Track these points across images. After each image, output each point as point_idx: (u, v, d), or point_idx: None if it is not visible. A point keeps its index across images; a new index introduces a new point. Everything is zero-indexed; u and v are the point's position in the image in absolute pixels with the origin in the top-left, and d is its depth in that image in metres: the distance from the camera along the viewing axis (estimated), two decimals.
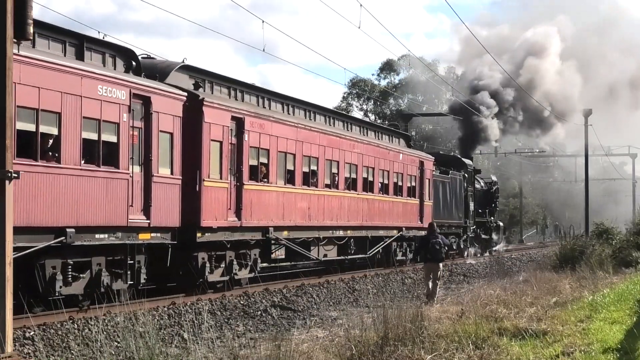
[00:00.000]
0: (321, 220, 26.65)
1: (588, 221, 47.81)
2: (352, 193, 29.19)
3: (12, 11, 9.85)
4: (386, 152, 32.58)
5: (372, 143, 31.58)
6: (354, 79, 76.84)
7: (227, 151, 21.28)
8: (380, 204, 31.83)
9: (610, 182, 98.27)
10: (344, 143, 28.65)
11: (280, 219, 23.91)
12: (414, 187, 35.76)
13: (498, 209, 51.94)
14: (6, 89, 9.84)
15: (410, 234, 35.09)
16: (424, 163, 36.90)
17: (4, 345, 9.48)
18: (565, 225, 70.13)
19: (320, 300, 22.38)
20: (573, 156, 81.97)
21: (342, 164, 28.40)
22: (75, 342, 13.42)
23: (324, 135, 27.10)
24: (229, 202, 21.34)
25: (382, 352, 11.12)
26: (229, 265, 21.83)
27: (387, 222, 32.49)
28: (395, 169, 33.48)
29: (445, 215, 39.93)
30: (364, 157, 30.17)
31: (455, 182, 41.81)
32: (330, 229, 27.65)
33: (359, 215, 29.77)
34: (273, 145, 23.59)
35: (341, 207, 28.21)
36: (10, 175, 9.80)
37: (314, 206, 26.12)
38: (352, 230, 29.34)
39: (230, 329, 16.60)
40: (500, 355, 11.48)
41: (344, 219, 28.49)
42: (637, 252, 32.80)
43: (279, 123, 24.05)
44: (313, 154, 26.19)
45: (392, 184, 33.07)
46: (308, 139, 25.80)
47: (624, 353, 11.42)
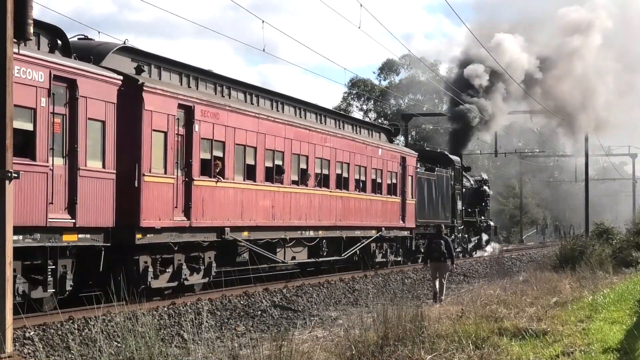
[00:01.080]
0: (288, 219, 24.47)
1: (588, 221, 47.92)
2: (323, 190, 27.02)
3: (12, 11, 9.86)
4: (363, 146, 30.25)
5: (347, 137, 29.17)
6: (354, 79, 76.90)
7: (173, 143, 19.08)
8: (357, 202, 29.62)
9: (610, 182, 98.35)
10: (315, 136, 26.32)
11: (238, 219, 21.79)
12: (395, 185, 33.40)
13: (489, 208, 50.03)
14: (6, 89, 9.85)
15: (391, 234, 33.14)
16: (406, 159, 34.59)
17: (4, 345, 9.49)
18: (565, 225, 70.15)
19: (320, 300, 22.38)
20: (573, 156, 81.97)
21: (312, 159, 26.10)
22: (75, 342, 13.42)
23: (291, 127, 24.78)
24: (175, 200, 19.20)
25: (382, 352, 11.12)
26: (177, 270, 19.77)
27: (364, 221, 30.29)
28: (374, 165, 31.14)
29: (430, 215, 37.94)
30: (337, 151, 27.90)
31: (441, 180, 39.86)
32: (299, 229, 25.47)
33: (332, 214, 27.60)
34: (230, 137, 21.39)
35: (311, 205, 26.01)
36: (10, 175, 9.82)
37: (279, 204, 23.98)
38: (324, 230, 27.12)
39: (231, 329, 16.61)
40: (500, 355, 11.48)
41: (315, 219, 26.29)
42: (637, 252, 32.86)
43: (237, 113, 21.80)
44: (278, 148, 23.97)
45: (369, 181, 30.74)
46: (272, 131, 23.52)
47: (624, 353, 11.43)
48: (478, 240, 47.34)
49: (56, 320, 14.81)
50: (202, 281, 20.92)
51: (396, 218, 33.34)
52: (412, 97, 79.73)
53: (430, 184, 38.22)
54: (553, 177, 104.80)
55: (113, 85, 17.30)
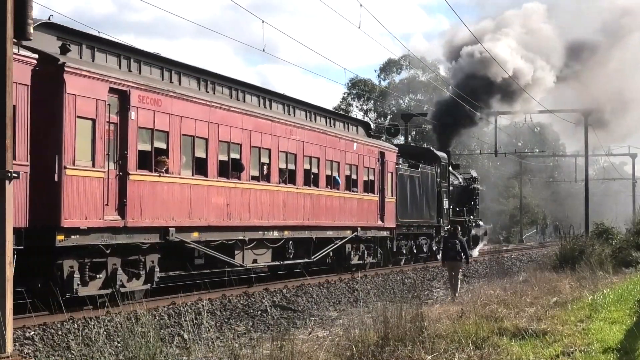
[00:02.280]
0: (247, 219, 22.15)
1: (588, 221, 47.94)
2: (289, 187, 24.61)
3: (12, 11, 9.86)
4: (335, 140, 27.86)
5: (317, 129, 26.66)
6: (354, 79, 76.94)
7: (104, 132, 16.82)
8: (328, 200, 27.26)
9: (610, 182, 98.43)
10: (278, 128, 23.89)
11: (185, 218, 19.54)
12: (373, 182, 30.95)
13: (478, 207, 47.48)
14: (6, 88, 9.85)
15: (369, 234, 30.69)
16: (385, 154, 32.03)
17: (4, 345, 9.49)
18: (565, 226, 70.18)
19: (320, 300, 22.39)
20: (573, 156, 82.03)
21: (275, 153, 23.68)
22: (75, 342, 13.43)
23: (250, 117, 22.34)
24: (106, 196, 16.87)
25: (382, 352, 11.13)
26: (112, 276, 17.54)
27: (337, 221, 27.86)
28: (348, 160, 28.77)
29: (413, 214, 35.70)
30: (305, 145, 25.50)
31: (426, 177, 37.46)
32: (261, 229, 23.11)
33: (300, 213, 25.21)
34: (175, 126, 19.13)
35: (274, 203, 23.62)
36: (10, 175, 9.81)
37: (235, 202, 21.60)
38: (290, 230, 24.75)
39: (231, 329, 16.61)
40: (500, 355, 11.48)
41: (279, 218, 23.95)
42: (637, 252, 32.91)
43: (184, 100, 19.52)
44: (234, 140, 21.60)
45: (343, 177, 28.42)
46: (226, 121, 21.16)
47: (624, 353, 11.43)
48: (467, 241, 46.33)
49: (56, 320, 14.82)
50: (142, 287, 18.65)
51: (374, 217, 31.13)
52: (413, 97, 79.75)
53: (414, 181, 35.91)
54: (553, 177, 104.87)
55: (26, 64, 14.70)
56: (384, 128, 51.21)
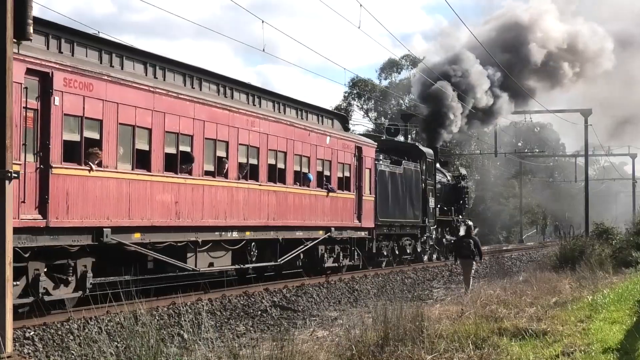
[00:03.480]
0: (199, 218, 19.99)
1: (588, 221, 47.94)
2: (251, 184, 22.28)
3: (12, 11, 9.86)
4: (305, 133, 25.57)
5: (283, 121, 24.25)
6: (355, 78, 76.92)
7: (20, 119, 14.63)
8: (297, 198, 25.02)
9: (610, 182, 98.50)
10: (238, 119, 21.66)
11: (124, 217, 17.34)
12: (348, 178, 28.83)
13: (467, 206, 45.02)
14: (6, 88, 9.85)
15: (344, 235, 28.44)
16: (362, 149, 29.85)
17: (4, 346, 9.49)
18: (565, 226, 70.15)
19: (320, 300, 22.40)
20: (573, 156, 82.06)
21: (233, 146, 21.45)
22: (75, 342, 13.43)
23: (203, 106, 20.18)
24: (22, 193, 14.77)
25: (382, 352, 11.13)
26: (33, 282, 15.42)
27: (307, 220, 25.58)
28: (320, 155, 26.55)
29: (396, 213, 33.49)
30: (270, 137, 23.25)
31: (410, 175, 35.25)
32: (217, 230, 20.92)
33: (263, 212, 22.98)
34: (110, 114, 16.87)
35: (233, 201, 21.43)
36: (10, 175, 9.81)
37: (186, 200, 19.46)
38: (253, 231, 22.61)
39: (231, 329, 16.62)
40: (500, 355, 11.49)
41: (239, 217, 21.71)
42: (637, 252, 32.93)
43: (122, 85, 17.24)
44: (184, 131, 19.41)
45: (314, 174, 26.13)
46: (174, 110, 18.97)
47: (624, 353, 11.44)
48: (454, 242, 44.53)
49: (56, 320, 14.82)
50: (72, 295, 16.63)
51: (350, 217, 28.90)
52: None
53: (396, 178, 33.70)
54: (553, 177, 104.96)
55: None
56: (384, 128, 51.09)
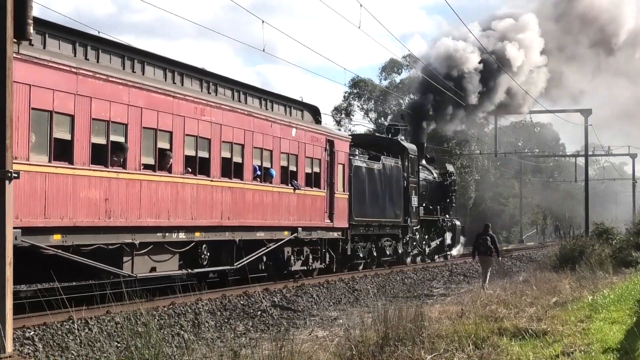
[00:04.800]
0: (136, 217, 17.70)
1: (588, 221, 47.96)
2: (200, 179, 20.07)
3: (12, 11, 9.86)
4: (266, 124, 23.10)
5: (239, 110, 21.79)
6: (355, 78, 76.87)
7: None
8: (258, 195, 22.63)
9: (610, 182, 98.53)
10: (184, 106, 19.38)
11: (38, 217, 15.22)
12: (318, 174, 26.41)
13: (454, 205, 42.81)
14: (6, 89, 9.85)
15: (314, 235, 26.10)
16: (334, 143, 27.52)
17: (4, 346, 9.50)
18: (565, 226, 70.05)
19: (320, 300, 22.40)
20: (573, 156, 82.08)
21: (178, 136, 19.22)
22: (75, 342, 13.44)
23: (140, 91, 17.83)
24: None
25: (382, 352, 11.14)
26: None
27: (269, 220, 23.27)
28: (284, 149, 24.17)
29: (374, 212, 31.06)
30: (223, 128, 20.95)
31: (390, 171, 32.91)
32: (159, 230, 18.67)
33: (216, 210, 20.74)
34: (20, 99, 14.64)
35: (178, 198, 19.22)
36: (10, 175, 9.81)
37: (119, 197, 17.17)
38: (203, 232, 20.38)
39: (230, 329, 16.62)
40: (500, 355, 11.50)
41: (185, 217, 19.52)
42: (637, 252, 33.00)
43: (36, 64, 15.04)
44: (116, 118, 17.05)
45: (278, 169, 23.77)
46: (103, 94, 16.65)
47: (624, 353, 11.44)
48: (441, 243, 40.32)
49: (56, 320, 14.81)
50: None
51: (320, 216, 26.51)
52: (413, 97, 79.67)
53: (374, 175, 31.35)
54: (553, 177, 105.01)
55: None
56: (385, 128, 51.06)
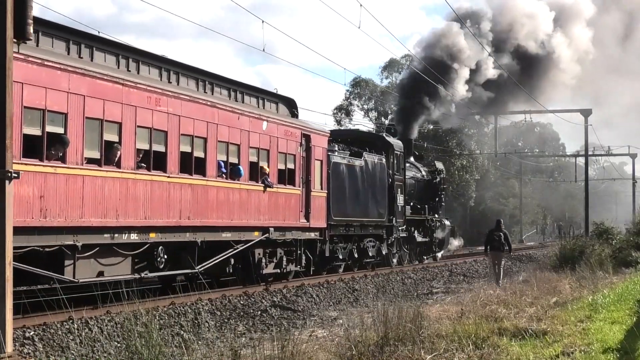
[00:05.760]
0: (77, 217, 16.07)
1: (588, 221, 47.96)
2: (155, 175, 18.45)
3: (12, 11, 9.86)
4: (233, 116, 21.47)
5: (201, 100, 20.23)
6: (357, 78, 76.87)
7: None
8: (223, 193, 21.05)
9: (610, 182, 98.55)
10: (135, 95, 17.76)
11: None
12: (293, 171, 24.74)
13: (444, 204, 41.00)
14: (6, 89, 9.85)
15: (288, 236, 24.44)
16: (311, 138, 25.80)
17: (4, 345, 9.50)
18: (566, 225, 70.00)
19: (320, 300, 22.40)
20: (573, 156, 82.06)
21: (129, 128, 17.64)
22: (75, 342, 13.44)
23: (82, 77, 16.12)
24: None
25: (382, 352, 11.14)
26: None
27: (237, 219, 21.62)
28: (254, 143, 22.53)
29: (355, 212, 29.39)
30: (182, 120, 19.37)
31: (373, 168, 31.22)
32: (107, 231, 17.09)
33: (174, 209, 19.13)
34: None
35: (129, 196, 17.64)
36: (10, 175, 9.81)
37: (57, 194, 15.60)
38: (159, 232, 18.76)
39: (230, 329, 16.62)
40: (500, 355, 11.50)
41: (138, 216, 17.92)
42: (637, 252, 33.03)
43: None
44: (53, 107, 15.46)
45: (246, 165, 22.11)
46: (37, 81, 15.02)
47: (624, 353, 11.44)
48: (429, 243, 38.64)
49: (56, 320, 14.81)
50: None
51: (295, 215, 24.86)
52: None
53: (355, 172, 29.68)
54: (553, 177, 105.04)
55: None
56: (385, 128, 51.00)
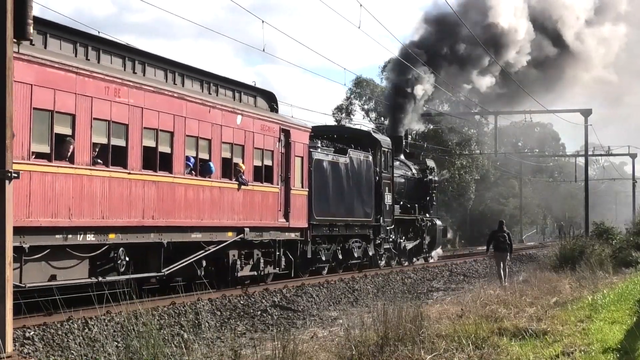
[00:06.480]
0: (24, 216, 14.82)
1: (588, 221, 47.95)
2: (114, 171, 17.25)
3: (12, 11, 9.86)
4: (203, 109, 20.32)
5: (167, 92, 19.00)
6: (358, 78, 76.87)
7: None
8: (192, 191, 19.92)
9: (610, 182, 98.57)
10: (91, 85, 16.50)
11: None
12: (270, 168, 23.57)
13: (435, 203, 39.67)
14: (6, 89, 9.85)
15: (265, 236, 23.28)
16: (290, 133, 24.56)
17: (4, 346, 9.50)
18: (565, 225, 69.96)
19: (320, 300, 22.39)
20: (573, 156, 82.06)
21: (83, 121, 16.35)
22: (75, 342, 13.44)
23: (26, 65, 14.86)
24: None
25: (382, 352, 11.14)
26: None
27: (207, 219, 20.49)
28: (227, 138, 21.32)
29: (339, 211, 28.21)
30: (146, 112, 18.16)
31: (359, 166, 30.01)
32: (59, 231, 15.92)
33: (136, 208, 17.92)
34: None
35: (84, 193, 16.33)
36: (10, 175, 9.81)
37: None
38: (120, 233, 17.56)
39: (231, 329, 16.62)
40: (500, 355, 11.50)
41: (94, 215, 16.65)
42: (637, 252, 33.05)
43: None
44: None
45: (218, 161, 20.94)
46: None
47: (624, 353, 11.45)
48: (419, 244, 37.40)
49: (56, 320, 14.82)
50: None
51: (272, 215, 23.65)
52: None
53: (339, 169, 28.44)
54: (553, 177, 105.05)
55: None
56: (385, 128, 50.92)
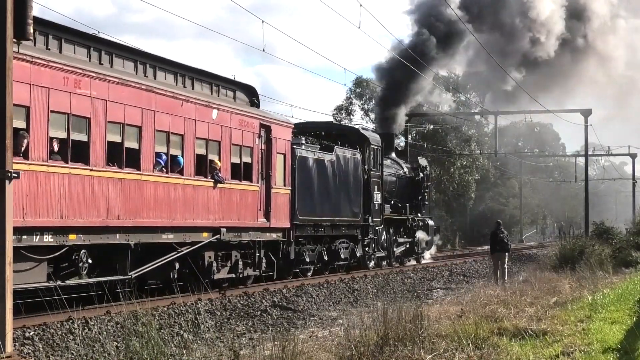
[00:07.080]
0: None
1: (588, 221, 47.97)
2: (74, 167, 16.08)
3: (12, 11, 9.86)
4: (175, 103, 19.24)
5: (134, 83, 17.92)
6: (359, 78, 76.89)
7: None
8: (162, 189, 18.82)
9: (610, 182, 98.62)
10: (48, 75, 15.37)
11: None
12: (250, 165, 22.45)
13: (427, 203, 38.80)
14: (6, 89, 9.85)
15: (244, 237, 22.25)
16: (271, 129, 23.46)
17: (4, 346, 9.50)
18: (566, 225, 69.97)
19: (320, 300, 22.39)
20: (573, 156, 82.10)
21: (39, 114, 15.21)
22: (75, 342, 13.44)
23: None
24: None
25: (382, 352, 11.14)
26: None
27: (180, 219, 19.38)
28: (201, 134, 20.26)
29: (325, 210, 27.19)
30: (110, 105, 17.01)
31: (346, 163, 28.98)
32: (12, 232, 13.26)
33: (99, 207, 16.78)
34: None
35: (40, 192, 15.22)
36: (10, 175, 9.81)
37: None
38: (82, 233, 16.47)
39: (231, 329, 16.62)
40: (500, 355, 11.50)
41: (52, 215, 15.55)
42: (637, 252, 33.05)
43: None
44: None
45: (191, 158, 19.89)
46: None
47: (624, 353, 11.44)
48: (411, 244, 36.41)
49: (56, 320, 14.82)
50: None
51: (252, 214, 22.58)
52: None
53: (324, 167, 27.37)
54: (553, 177, 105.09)
55: None
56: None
